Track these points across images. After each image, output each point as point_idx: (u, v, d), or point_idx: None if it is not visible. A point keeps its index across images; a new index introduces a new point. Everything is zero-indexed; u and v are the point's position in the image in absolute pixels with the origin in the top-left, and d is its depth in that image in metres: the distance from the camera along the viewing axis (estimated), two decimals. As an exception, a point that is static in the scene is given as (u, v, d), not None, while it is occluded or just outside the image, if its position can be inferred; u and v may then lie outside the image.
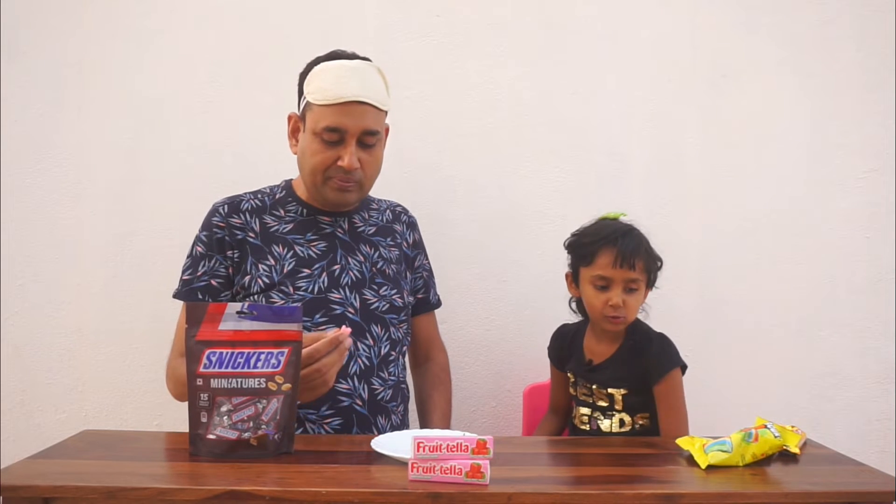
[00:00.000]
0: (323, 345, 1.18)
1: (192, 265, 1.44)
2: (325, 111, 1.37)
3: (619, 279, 1.41)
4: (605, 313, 1.43)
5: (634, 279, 1.42)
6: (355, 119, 1.38)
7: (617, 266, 1.40)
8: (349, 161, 1.38)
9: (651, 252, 1.45)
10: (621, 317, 1.42)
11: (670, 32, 1.89)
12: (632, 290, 1.42)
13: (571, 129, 1.89)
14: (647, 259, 1.43)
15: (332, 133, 1.38)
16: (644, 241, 1.45)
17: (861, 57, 1.88)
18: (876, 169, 1.89)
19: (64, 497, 0.96)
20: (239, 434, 1.10)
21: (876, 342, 1.89)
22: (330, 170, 1.40)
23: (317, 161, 1.40)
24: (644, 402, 1.44)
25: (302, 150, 1.43)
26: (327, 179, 1.41)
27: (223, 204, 1.47)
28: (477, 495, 0.97)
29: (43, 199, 1.85)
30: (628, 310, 1.42)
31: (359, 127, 1.38)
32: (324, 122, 1.37)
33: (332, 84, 1.37)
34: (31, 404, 1.86)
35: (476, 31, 1.87)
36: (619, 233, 1.43)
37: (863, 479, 1.08)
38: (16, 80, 1.84)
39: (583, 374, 1.49)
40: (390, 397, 1.45)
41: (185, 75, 1.86)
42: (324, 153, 1.39)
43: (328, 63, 1.41)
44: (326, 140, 1.38)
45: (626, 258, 1.40)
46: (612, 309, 1.41)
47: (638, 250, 1.42)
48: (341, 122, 1.37)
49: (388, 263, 1.51)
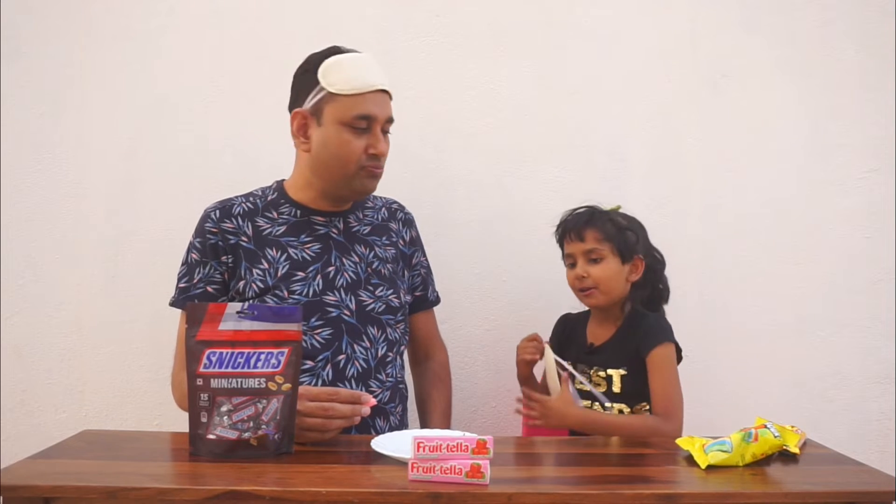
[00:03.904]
0: (346, 392, 1.20)
1: (188, 272, 1.44)
2: (356, 100, 1.38)
3: (577, 252, 1.50)
4: (574, 287, 1.51)
5: (591, 248, 1.48)
6: (382, 107, 1.42)
7: (570, 240, 1.50)
8: (382, 147, 1.42)
9: (611, 223, 1.49)
10: (590, 287, 1.48)
11: (670, 32, 1.89)
12: (593, 260, 1.48)
13: (571, 129, 1.89)
14: (600, 229, 1.48)
15: (362, 121, 1.39)
16: (598, 215, 1.50)
17: (861, 57, 1.88)
18: (876, 169, 1.88)
19: (64, 497, 0.96)
20: (239, 434, 1.10)
21: (876, 342, 1.89)
22: (361, 158, 1.41)
23: (351, 150, 1.39)
24: (643, 390, 1.45)
25: (323, 143, 1.41)
26: (360, 169, 1.41)
27: (214, 209, 1.46)
28: (477, 495, 0.97)
29: (43, 199, 1.85)
30: (595, 280, 1.48)
31: (385, 114, 1.42)
32: (355, 111, 1.38)
33: (358, 73, 1.39)
34: (31, 404, 1.86)
35: (476, 31, 1.87)
36: (571, 212, 1.54)
37: (863, 479, 1.08)
38: (16, 80, 1.84)
39: (583, 359, 1.53)
40: (388, 399, 1.45)
41: (185, 75, 1.86)
42: (354, 142, 1.39)
43: (343, 55, 1.41)
44: (356, 128, 1.39)
45: (574, 230, 1.49)
46: (579, 281, 1.49)
47: (584, 222, 1.49)
48: (372, 110, 1.39)
49: (384, 263, 1.50)
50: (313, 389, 1.21)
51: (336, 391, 1.20)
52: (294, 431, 1.14)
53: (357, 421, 1.20)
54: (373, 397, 1.23)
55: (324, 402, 1.18)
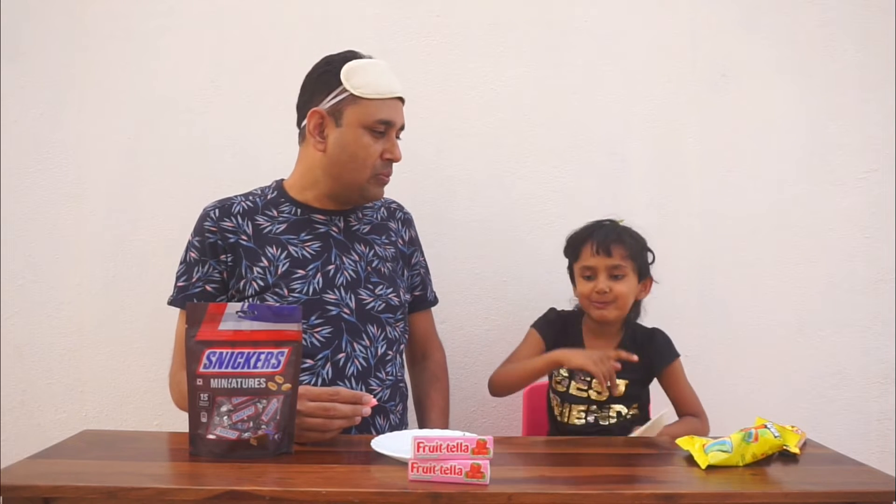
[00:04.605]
0: (347, 392, 1.21)
1: (187, 271, 1.44)
2: (379, 105, 1.40)
3: (601, 267, 1.50)
4: (591, 299, 1.52)
5: (616, 265, 1.49)
6: (399, 114, 1.45)
7: (596, 254, 1.50)
8: (398, 153, 1.44)
9: (635, 241, 1.52)
10: (608, 302, 1.49)
11: (670, 32, 1.89)
12: (616, 276, 1.50)
13: (571, 129, 1.89)
14: (627, 246, 1.50)
15: (383, 125, 1.41)
16: (624, 232, 1.53)
17: (861, 57, 1.88)
18: (876, 169, 1.89)
19: (64, 497, 0.97)
20: (239, 434, 1.10)
21: (876, 342, 1.89)
22: (378, 164, 1.42)
23: (369, 153, 1.41)
24: (640, 394, 1.53)
25: (342, 145, 1.41)
26: (375, 175, 1.43)
27: (214, 208, 1.46)
28: (477, 495, 0.97)
29: (43, 199, 1.85)
30: (616, 295, 1.49)
31: (401, 121, 1.46)
32: (378, 115, 1.40)
33: (383, 79, 1.42)
34: (31, 404, 1.86)
35: (476, 31, 1.87)
36: (598, 225, 1.55)
37: (863, 479, 1.08)
38: (16, 80, 1.84)
39: None
40: (388, 397, 1.45)
41: (185, 75, 1.86)
42: (375, 145, 1.41)
43: (366, 60, 1.42)
44: (376, 132, 1.41)
45: (602, 245, 1.50)
46: (599, 294, 1.50)
47: (613, 238, 1.51)
48: (392, 115, 1.42)
49: (384, 262, 1.51)
50: (314, 389, 1.21)
51: (337, 391, 1.20)
52: (294, 431, 1.14)
53: (358, 421, 1.20)
54: (373, 397, 1.23)
55: (325, 403, 1.18)
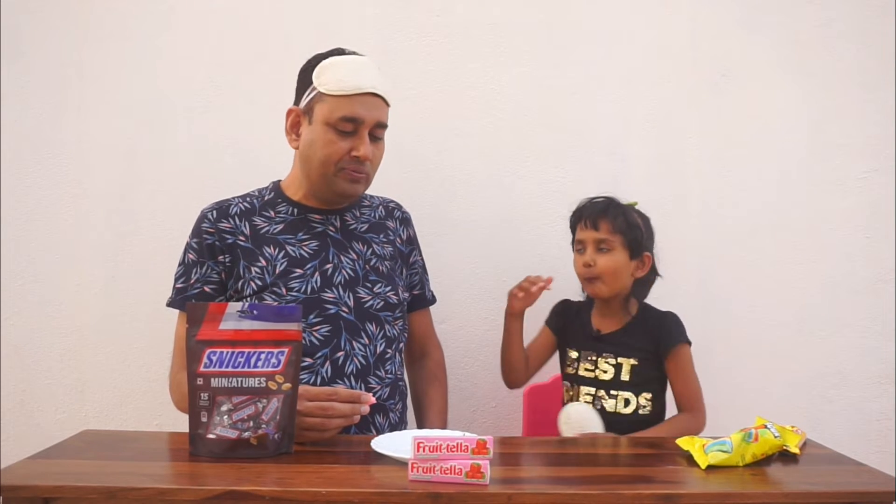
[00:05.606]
0: (345, 392, 1.20)
1: (185, 273, 1.44)
2: (342, 101, 1.38)
3: (588, 240, 1.52)
4: (581, 274, 1.54)
5: (602, 238, 1.51)
6: (370, 110, 1.40)
7: (585, 227, 1.53)
8: (365, 151, 1.39)
9: (624, 216, 1.52)
10: (595, 277, 1.51)
11: (670, 32, 1.89)
12: (602, 249, 1.51)
13: (571, 129, 1.89)
14: (613, 220, 1.51)
15: (348, 123, 1.38)
16: (614, 207, 1.53)
17: (861, 57, 1.88)
18: (876, 169, 1.88)
19: (64, 497, 0.96)
20: (239, 433, 1.10)
21: (876, 342, 1.88)
22: (343, 160, 1.40)
23: (330, 151, 1.39)
24: (649, 379, 1.50)
25: (309, 142, 1.42)
26: (339, 170, 1.41)
27: (211, 209, 1.46)
28: (477, 495, 0.97)
29: (43, 199, 1.85)
30: (600, 269, 1.50)
31: (373, 118, 1.40)
32: (340, 112, 1.38)
33: (349, 75, 1.39)
34: (31, 404, 1.86)
35: (476, 31, 1.87)
36: (589, 200, 1.56)
37: (863, 479, 1.08)
38: (16, 80, 1.84)
39: (590, 345, 1.54)
40: (388, 395, 1.45)
41: (184, 75, 1.86)
42: (337, 143, 1.39)
43: (339, 57, 1.42)
44: (341, 130, 1.39)
45: (590, 218, 1.52)
46: (585, 268, 1.52)
47: (600, 212, 1.52)
48: (358, 112, 1.38)
49: (382, 260, 1.51)
50: (312, 389, 1.21)
51: (335, 391, 1.20)
52: (294, 431, 1.14)
53: (356, 420, 1.20)
54: (372, 396, 1.23)
55: (323, 402, 1.18)
